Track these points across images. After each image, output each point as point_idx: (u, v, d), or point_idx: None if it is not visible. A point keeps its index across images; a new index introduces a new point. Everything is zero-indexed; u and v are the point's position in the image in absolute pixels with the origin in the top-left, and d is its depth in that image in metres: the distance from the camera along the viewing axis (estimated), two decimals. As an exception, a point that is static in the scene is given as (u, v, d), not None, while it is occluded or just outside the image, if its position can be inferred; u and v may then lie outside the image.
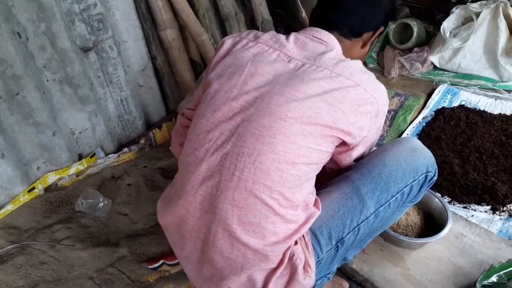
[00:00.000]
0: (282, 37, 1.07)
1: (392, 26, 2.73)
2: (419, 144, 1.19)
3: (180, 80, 2.10)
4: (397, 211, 1.16)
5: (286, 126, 0.92)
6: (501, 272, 1.21)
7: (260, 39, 1.07)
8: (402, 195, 1.11)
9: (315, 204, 1.05)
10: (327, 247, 1.04)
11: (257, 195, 0.92)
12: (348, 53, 1.10)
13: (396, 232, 1.37)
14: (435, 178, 1.18)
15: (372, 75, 1.04)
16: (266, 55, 1.02)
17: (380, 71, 2.59)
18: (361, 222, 1.06)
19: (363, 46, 1.18)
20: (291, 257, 0.98)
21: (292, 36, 1.07)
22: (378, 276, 1.31)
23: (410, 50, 2.65)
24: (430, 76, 2.49)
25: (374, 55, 2.77)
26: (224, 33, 2.25)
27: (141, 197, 1.78)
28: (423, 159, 1.14)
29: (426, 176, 1.14)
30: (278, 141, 0.92)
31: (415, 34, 2.61)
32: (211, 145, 0.97)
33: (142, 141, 1.99)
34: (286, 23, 2.48)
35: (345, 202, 1.07)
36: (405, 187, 1.11)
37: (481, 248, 1.36)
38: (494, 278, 1.20)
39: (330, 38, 1.08)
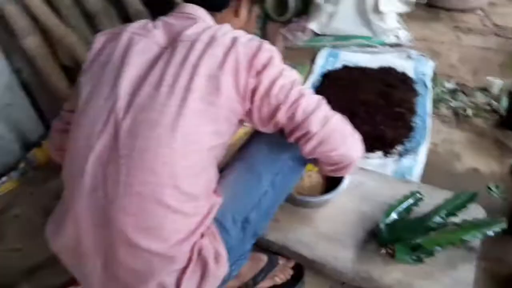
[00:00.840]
0: (150, 23, 1.01)
1: (268, 0, 2.78)
2: None
3: (54, 90, 1.93)
4: (293, 175, 1.15)
5: (165, 117, 0.86)
6: (400, 208, 1.29)
7: (129, 28, 1.00)
8: (294, 160, 1.10)
9: (215, 191, 1.01)
10: (234, 231, 1.01)
11: (148, 197, 0.86)
12: None
13: (302, 195, 1.39)
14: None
15: (240, 32, 0.98)
16: (133, 44, 0.96)
17: (266, 46, 2.62)
18: (261, 196, 1.05)
19: (236, 15, 1.12)
20: (199, 252, 0.93)
21: (160, 20, 1.02)
22: (292, 241, 1.32)
23: (289, 21, 2.72)
24: (312, 43, 2.58)
25: (258, 31, 2.80)
26: (95, 31, 2.10)
27: (33, 227, 1.62)
28: None
29: None
30: (159, 135, 0.86)
31: (291, 5, 2.68)
32: (91, 154, 0.88)
33: (22, 165, 1.79)
34: (163, 11, 2.38)
35: (241, 181, 1.05)
36: (296, 151, 1.09)
37: (379, 191, 1.43)
38: (394, 215, 1.27)
39: (197, 11, 1.02)
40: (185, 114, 0.86)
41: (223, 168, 1.11)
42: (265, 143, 1.09)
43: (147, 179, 0.85)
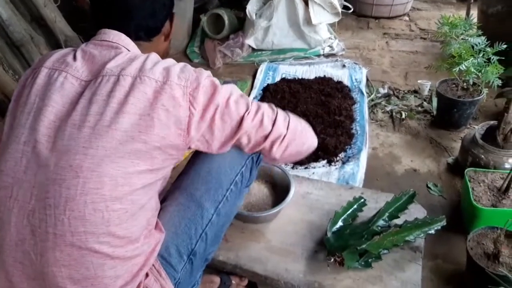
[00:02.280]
0: (70, 54, 0.91)
1: (204, 18, 2.79)
2: None
3: (-18, 125, 1.82)
4: (237, 199, 1.13)
5: (88, 160, 0.79)
6: (345, 215, 1.31)
7: (45, 63, 0.91)
8: (236, 185, 1.09)
9: (157, 226, 0.95)
10: (180, 265, 0.97)
11: (81, 247, 0.79)
12: (149, 52, 0.96)
13: (251, 211, 1.39)
14: (261, 156, 1.13)
15: (162, 62, 0.91)
16: (52, 81, 0.87)
17: (206, 64, 2.63)
18: (206, 227, 1.02)
19: (166, 39, 1.07)
20: None
21: (80, 50, 0.92)
22: (245, 259, 1.31)
23: (227, 38, 2.75)
24: (251, 58, 2.62)
25: (196, 49, 2.80)
26: (23, 60, 2.01)
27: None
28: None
29: (252, 158, 1.11)
30: (84, 180, 0.78)
31: (226, 22, 2.71)
32: (13, 204, 0.81)
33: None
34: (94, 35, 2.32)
35: (184, 213, 1.01)
36: (236, 176, 1.08)
37: (325, 199, 1.46)
38: (340, 223, 1.29)
39: (121, 38, 0.93)
40: (110, 156, 0.80)
41: (165, 197, 1.07)
42: (206, 169, 1.05)
43: (78, 229, 0.79)
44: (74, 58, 0.90)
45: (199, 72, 0.91)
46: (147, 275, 0.90)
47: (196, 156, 1.10)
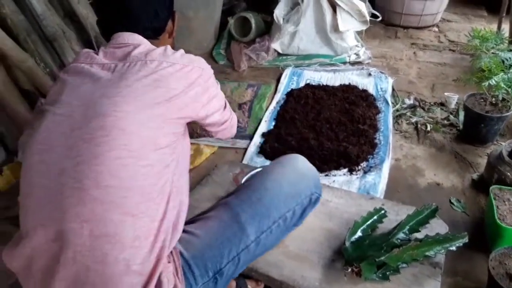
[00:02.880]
0: (92, 53, 1.02)
1: (231, 21, 2.81)
2: (303, 164, 1.18)
3: (13, 115, 1.87)
4: (281, 235, 1.13)
5: (117, 121, 0.86)
6: (364, 225, 1.30)
7: (77, 59, 1.02)
8: (285, 220, 1.09)
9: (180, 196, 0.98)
10: (202, 279, 0.97)
11: (104, 201, 0.83)
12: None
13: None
14: (321, 197, 1.19)
15: (180, 52, 1.03)
16: (82, 70, 0.97)
17: (231, 66, 2.65)
18: (241, 251, 1.01)
19: (170, 36, 1.16)
20: (159, 275, 0.88)
21: (101, 51, 1.02)
22: (261, 262, 1.30)
23: (253, 41, 2.76)
24: (276, 63, 2.63)
25: (222, 52, 2.83)
26: (55, 54, 2.06)
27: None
28: (307, 181, 1.13)
29: (310, 199, 1.14)
30: (114, 137, 0.85)
31: (253, 26, 2.72)
32: (43, 167, 0.87)
33: (-19, 192, 1.73)
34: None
35: (224, 230, 1.01)
36: (288, 211, 1.09)
37: (345, 208, 1.45)
38: (359, 233, 1.28)
39: (134, 38, 1.02)
40: (139, 118, 0.88)
41: (207, 210, 1.09)
42: (258, 195, 1.06)
43: (103, 183, 0.83)
44: (98, 54, 1.00)
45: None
46: (168, 262, 0.91)
47: (251, 181, 1.14)
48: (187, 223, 1.08)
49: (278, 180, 1.10)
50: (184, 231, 1.02)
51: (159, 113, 0.91)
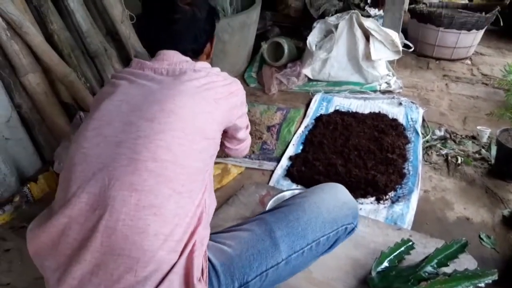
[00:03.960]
0: (143, 61, 1.12)
1: (265, 46, 2.87)
2: (344, 193, 1.20)
3: (52, 126, 1.95)
4: (312, 259, 1.12)
5: (175, 108, 0.96)
6: (392, 256, 1.29)
7: (128, 66, 1.14)
8: (318, 245, 1.09)
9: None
10: (227, 287, 0.97)
11: (159, 173, 0.89)
12: None
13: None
14: (356, 228, 1.20)
15: (218, 69, 1.17)
16: (135, 72, 1.08)
17: (261, 89, 2.69)
18: (271, 267, 1.01)
19: (207, 57, 1.29)
20: (191, 251, 0.89)
21: (149, 61, 1.12)
22: (283, 286, 1.30)
23: (284, 66, 2.81)
24: (306, 88, 2.65)
25: (253, 75, 2.88)
26: (95, 70, 2.15)
27: (24, 262, 1.59)
28: (347, 210, 1.15)
29: (346, 228, 1.15)
30: (173, 120, 0.95)
31: (286, 51, 2.77)
32: (99, 139, 0.93)
33: (16, 199, 1.79)
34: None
35: (256, 243, 1.01)
36: (322, 236, 1.09)
37: (371, 237, 1.44)
38: (386, 263, 1.27)
39: (178, 55, 1.12)
40: (192, 108, 0.99)
41: (241, 223, 1.12)
42: (296, 215, 1.07)
43: (161, 156, 0.90)
44: (146, 65, 1.10)
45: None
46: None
47: (289, 201, 1.16)
48: (218, 233, 1.09)
49: (318, 204, 1.11)
50: (214, 240, 1.03)
51: (208, 110, 1.03)
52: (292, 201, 1.15)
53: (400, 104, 2.39)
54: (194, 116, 0.98)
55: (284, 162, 1.96)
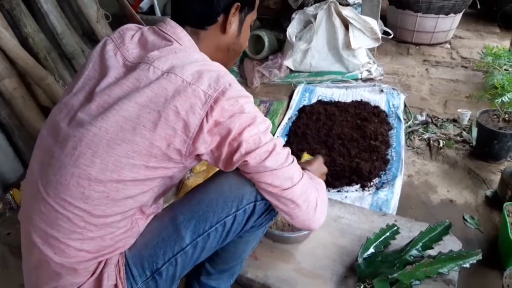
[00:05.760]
0: (129, 32, 0.96)
1: (244, 39, 2.85)
2: None
3: (32, 131, 1.92)
4: (221, 241, 1.02)
5: (89, 136, 0.82)
6: (377, 242, 1.30)
7: (113, 33, 0.97)
8: (224, 226, 0.98)
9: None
10: (141, 278, 0.96)
11: (58, 210, 0.85)
12: (207, 44, 0.99)
13: (283, 230, 1.40)
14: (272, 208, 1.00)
15: (203, 63, 0.88)
16: (107, 51, 0.92)
17: (244, 83, 2.69)
18: (177, 253, 0.96)
19: (224, 31, 1.00)
20: (100, 273, 0.91)
21: (139, 31, 0.96)
22: (273, 278, 1.31)
23: (266, 59, 2.80)
24: (288, 79, 2.65)
25: (235, 68, 2.87)
26: (73, 72, 2.12)
27: (9, 269, 1.57)
28: (251, 186, 0.96)
29: (255, 205, 0.98)
30: (79, 154, 0.82)
31: (266, 43, 2.76)
32: (37, 152, 0.92)
33: (-1, 206, 1.77)
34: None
35: (161, 231, 0.98)
36: (227, 217, 0.97)
37: (357, 224, 1.45)
38: (372, 249, 1.28)
39: (176, 31, 0.94)
40: (109, 140, 0.82)
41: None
42: (198, 198, 0.99)
43: (60, 194, 0.84)
44: (132, 37, 0.94)
45: (231, 87, 0.85)
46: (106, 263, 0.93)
47: (201, 184, 1.06)
48: None
49: (221, 182, 0.98)
50: None
51: (132, 139, 0.82)
52: (202, 183, 1.06)
53: (382, 91, 2.41)
54: (104, 150, 0.82)
55: (269, 154, 1.96)
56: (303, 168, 1.03)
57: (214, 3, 0.95)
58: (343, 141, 1.93)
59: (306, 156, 1.67)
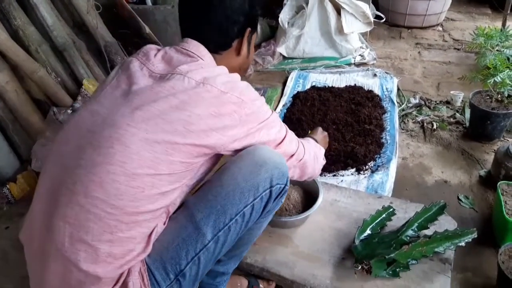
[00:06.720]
0: (152, 51, 1.03)
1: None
2: (263, 154, 1.03)
3: (26, 124, 1.91)
4: (240, 232, 1.05)
5: (127, 136, 0.86)
6: (374, 223, 1.32)
7: (136, 54, 1.04)
8: (243, 217, 1.01)
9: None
10: (165, 282, 0.95)
11: (89, 210, 0.84)
12: (224, 65, 1.06)
13: (281, 215, 1.41)
14: (287, 187, 1.07)
15: (227, 75, 0.99)
16: (133, 66, 0.99)
17: (237, 71, 2.68)
18: (200, 251, 0.97)
19: (238, 54, 1.10)
20: (124, 282, 0.90)
21: (162, 50, 1.03)
22: (272, 262, 1.33)
23: (259, 46, 2.79)
24: (282, 66, 2.65)
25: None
26: (65, 64, 2.11)
27: (9, 262, 1.58)
28: (265, 173, 1.01)
29: (271, 191, 1.03)
30: (115, 151, 0.85)
31: (259, 30, 2.75)
32: (58, 158, 0.92)
33: (-4, 200, 1.77)
34: (133, 42, 2.42)
35: (179, 231, 0.98)
36: (245, 207, 1.00)
37: (353, 207, 1.47)
38: (368, 231, 1.30)
39: (199, 49, 1.02)
40: (148, 138, 0.87)
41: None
42: (214, 192, 1.00)
43: (92, 193, 0.85)
44: (155, 55, 1.02)
45: (260, 100, 1.03)
46: (129, 272, 0.92)
47: (214, 175, 1.08)
48: None
49: (234, 174, 1.01)
50: None
51: (172, 140, 0.88)
52: (213, 176, 1.06)
53: (375, 75, 2.41)
54: (143, 147, 0.86)
55: (265, 141, 1.97)
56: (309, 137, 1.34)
57: (229, 32, 1.06)
58: (338, 126, 1.94)
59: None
